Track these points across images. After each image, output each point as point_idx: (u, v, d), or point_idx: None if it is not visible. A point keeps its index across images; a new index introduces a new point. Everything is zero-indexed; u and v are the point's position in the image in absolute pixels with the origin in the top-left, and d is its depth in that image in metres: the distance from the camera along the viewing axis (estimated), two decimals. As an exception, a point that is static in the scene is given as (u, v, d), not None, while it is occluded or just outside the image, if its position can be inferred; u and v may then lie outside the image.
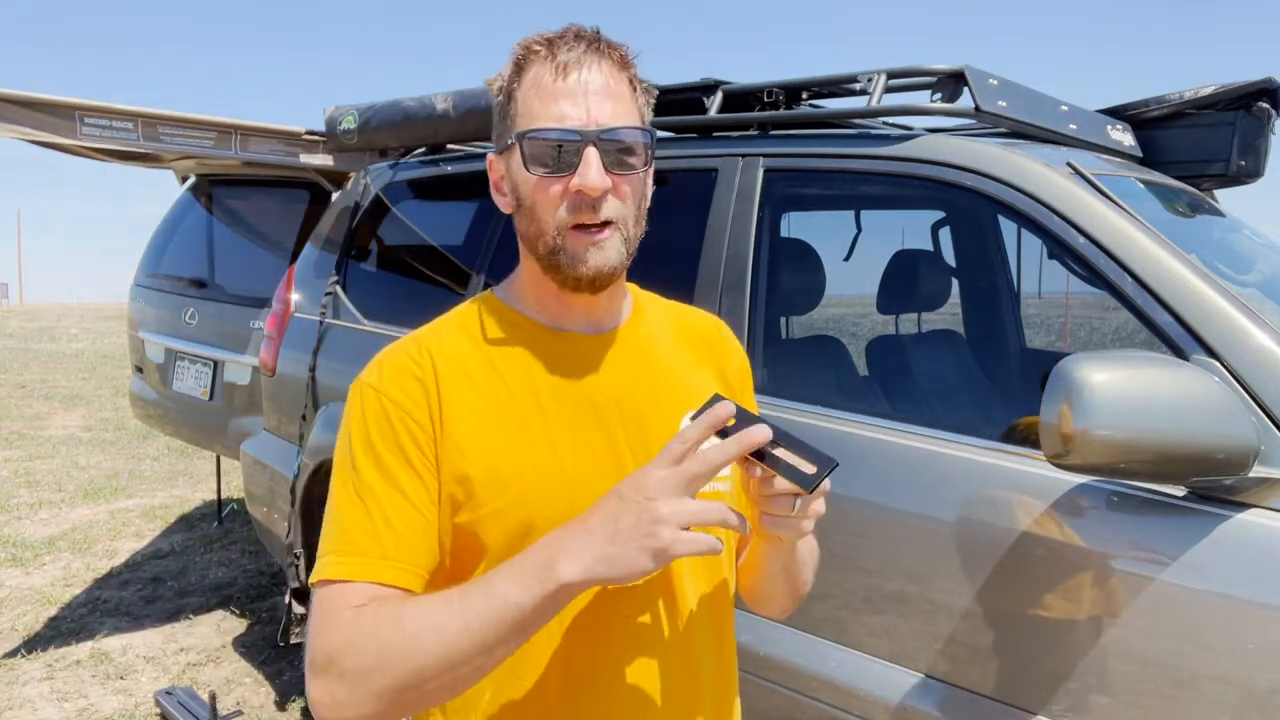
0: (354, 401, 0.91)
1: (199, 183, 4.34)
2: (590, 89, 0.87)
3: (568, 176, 0.86)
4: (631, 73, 0.92)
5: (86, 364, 12.58)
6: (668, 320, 1.05)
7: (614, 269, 0.89)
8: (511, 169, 0.91)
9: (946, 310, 2.53)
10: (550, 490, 0.88)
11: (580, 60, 0.87)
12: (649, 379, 0.97)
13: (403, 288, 2.85)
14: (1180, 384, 1.27)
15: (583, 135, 0.86)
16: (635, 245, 0.92)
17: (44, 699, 3.09)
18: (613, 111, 0.87)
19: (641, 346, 0.99)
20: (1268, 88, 2.16)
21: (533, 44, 0.89)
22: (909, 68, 1.98)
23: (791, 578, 1.02)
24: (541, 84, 0.88)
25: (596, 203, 0.87)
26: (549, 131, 0.86)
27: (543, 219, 0.89)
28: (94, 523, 5.05)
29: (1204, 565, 1.29)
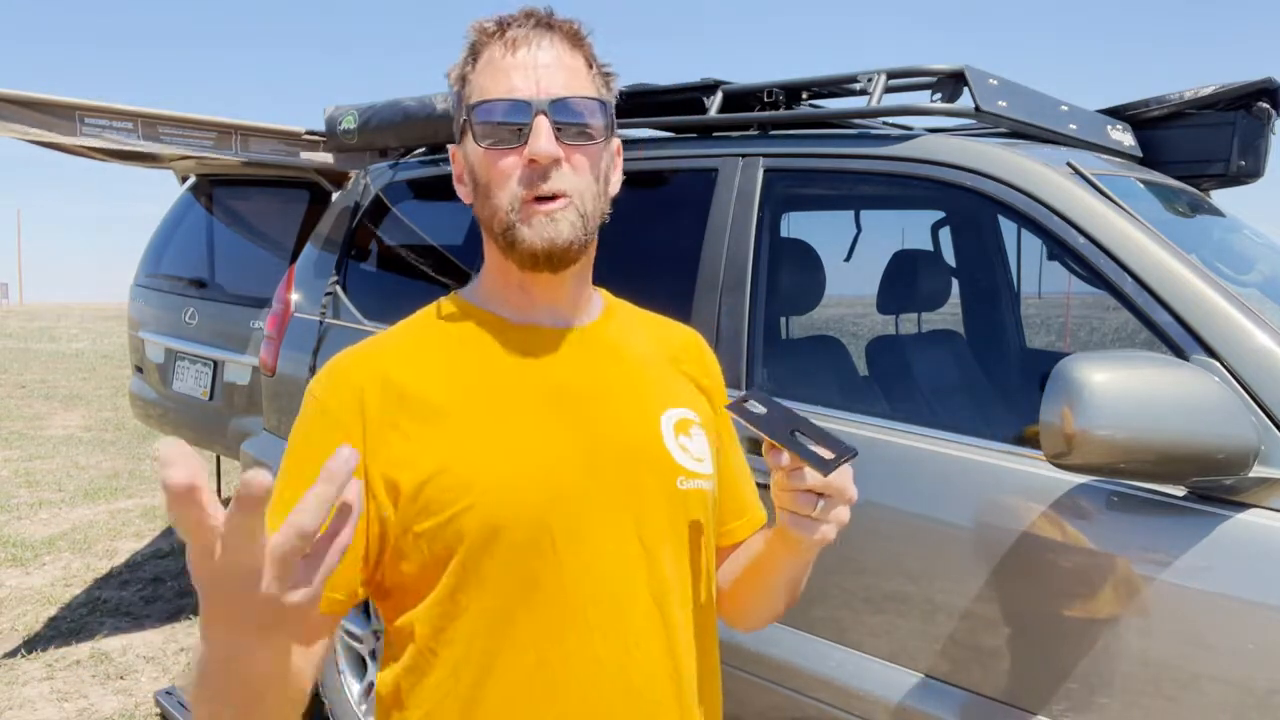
0: (301, 408, 0.89)
1: (199, 183, 4.34)
2: (540, 62, 0.86)
3: (519, 148, 0.85)
4: (586, 50, 0.90)
5: (86, 364, 12.58)
6: (643, 326, 1.03)
7: (569, 242, 0.86)
8: (468, 153, 0.90)
9: (946, 310, 2.53)
10: (517, 487, 0.84)
11: (530, 35, 0.87)
12: (622, 376, 0.94)
13: (403, 288, 2.85)
14: (1180, 384, 1.27)
15: (532, 104, 0.84)
16: (595, 224, 0.90)
17: (44, 699, 3.09)
18: (565, 82, 0.86)
19: (612, 345, 0.96)
20: (1268, 88, 2.16)
21: (484, 25, 0.89)
22: (909, 68, 1.98)
23: (794, 591, 1.00)
24: (492, 61, 0.87)
25: (547, 171, 0.85)
26: (497, 103, 0.85)
27: (497, 195, 0.87)
28: (94, 523, 5.05)
29: (1204, 565, 1.29)
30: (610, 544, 0.86)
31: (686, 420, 0.95)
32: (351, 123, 3.00)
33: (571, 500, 0.85)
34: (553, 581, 0.84)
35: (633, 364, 0.96)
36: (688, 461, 0.92)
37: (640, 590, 0.88)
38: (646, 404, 0.93)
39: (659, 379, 0.97)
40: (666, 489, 0.90)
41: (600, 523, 0.86)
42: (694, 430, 0.95)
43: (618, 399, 0.92)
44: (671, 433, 0.93)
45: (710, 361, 1.07)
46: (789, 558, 0.93)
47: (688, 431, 0.94)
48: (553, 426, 0.88)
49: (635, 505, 0.88)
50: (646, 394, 0.94)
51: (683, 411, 0.95)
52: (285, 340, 2.96)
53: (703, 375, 1.04)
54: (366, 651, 2.67)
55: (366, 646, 2.66)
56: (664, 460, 0.91)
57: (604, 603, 0.86)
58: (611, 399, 0.92)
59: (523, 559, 0.83)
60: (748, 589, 1.01)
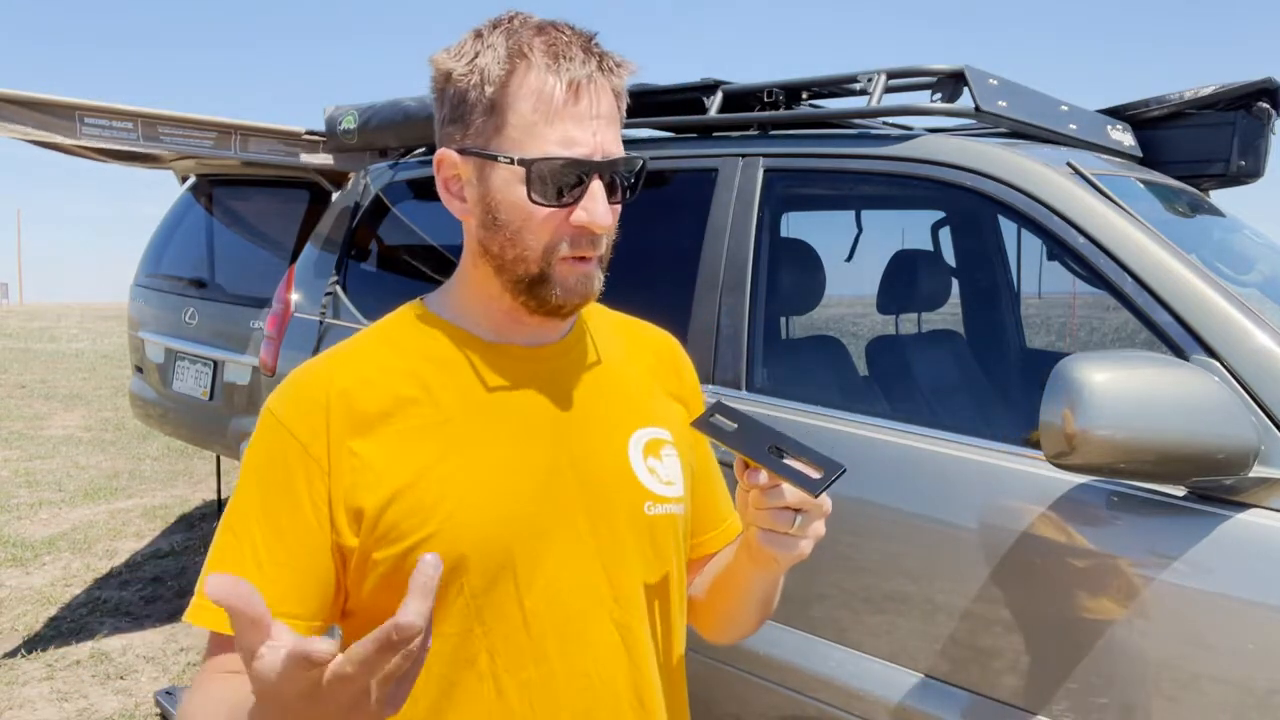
0: (259, 424, 0.84)
1: (199, 183, 4.34)
2: (600, 113, 0.80)
3: (569, 206, 0.80)
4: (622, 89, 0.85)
5: (86, 364, 12.58)
6: (616, 333, 0.99)
7: (596, 296, 0.85)
8: (491, 183, 0.82)
9: (946, 310, 2.53)
10: (480, 518, 0.80)
11: (593, 79, 0.80)
12: (594, 395, 0.90)
13: (403, 288, 2.85)
14: (1180, 384, 1.27)
15: (592, 165, 0.79)
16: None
17: (44, 699, 3.09)
18: (615, 138, 0.82)
19: (586, 359, 0.92)
20: (1268, 88, 2.16)
21: (530, 43, 0.79)
22: (909, 68, 1.98)
23: (767, 606, 0.96)
24: (550, 100, 0.79)
25: (597, 238, 0.82)
26: (557, 160, 0.78)
27: (529, 245, 0.81)
28: (94, 523, 5.05)
29: (1204, 565, 1.29)
30: (573, 573, 0.84)
31: (657, 441, 0.91)
32: (351, 123, 3.00)
33: (534, 530, 0.82)
34: (514, 612, 0.81)
35: (604, 382, 0.92)
36: (656, 485, 0.89)
37: (603, 620, 0.85)
38: (615, 425, 0.90)
39: (631, 395, 0.93)
40: (633, 516, 0.87)
41: (563, 553, 0.83)
42: (665, 451, 0.92)
43: (586, 421, 0.88)
44: (640, 455, 0.90)
45: (685, 368, 1.03)
46: (760, 574, 0.88)
47: (658, 453, 0.91)
48: (517, 452, 0.84)
49: (600, 534, 0.85)
50: (616, 414, 0.91)
51: (653, 431, 0.92)
52: (285, 340, 2.96)
53: (678, 385, 1.00)
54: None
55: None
56: (631, 486, 0.88)
57: (565, 634, 0.83)
58: (580, 421, 0.88)
59: (484, 589, 0.80)
60: (720, 604, 0.98)
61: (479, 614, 0.80)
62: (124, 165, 3.86)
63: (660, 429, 0.93)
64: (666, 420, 0.94)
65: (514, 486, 0.83)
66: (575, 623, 0.83)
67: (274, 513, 0.79)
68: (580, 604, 0.84)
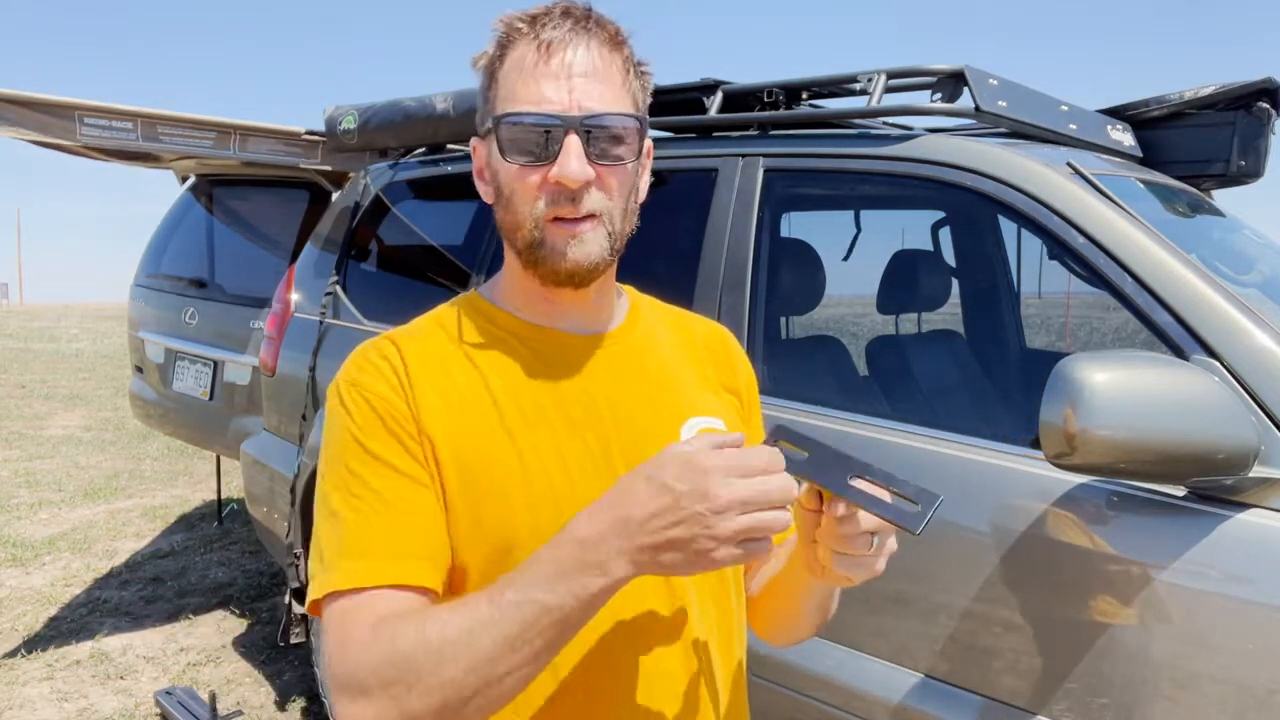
0: (333, 403, 0.84)
1: (199, 183, 4.34)
2: (575, 70, 0.80)
3: (547, 166, 0.80)
4: (625, 53, 0.84)
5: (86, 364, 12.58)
6: (669, 326, 0.99)
7: (595, 264, 0.83)
8: (492, 155, 0.84)
9: (946, 310, 2.53)
10: (534, 502, 0.81)
11: (566, 39, 0.80)
12: (645, 384, 0.90)
13: (403, 288, 2.85)
14: (1180, 384, 1.27)
15: (564, 121, 0.79)
16: (623, 241, 0.86)
17: (44, 699, 3.09)
18: (600, 95, 0.80)
19: (637, 350, 0.93)
20: (1268, 88, 2.16)
21: (515, 20, 0.82)
22: (909, 68, 1.98)
23: (825, 611, 0.96)
24: (524, 64, 0.80)
25: (577, 195, 0.80)
26: (526, 116, 0.79)
27: (519, 210, 0.82)
28: (94, 523, 5.05)
29: (1204, 565, 1.29)
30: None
31: (710, 430, 0.91)
32: (351, 123, 3.00)
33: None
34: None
35: (656, 371, 0.92)
36: None
37: (657, 609, 0.85)
38: (667, 415, 0.90)
39: (682, 385, 0.93)
40: None
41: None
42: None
43: (638, 410, 0.88)
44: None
45: (738, 359, 1.03)
46: (822, 586, 0.88)
47: None
48: (569, 440, 0.84)
49: None
50: (668, 403, 0.91)
51: (706, 420, 0.91)
52: (285, 340, 2.97)
53: (731, 377, 1.00)
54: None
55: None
56: None
57: (617, 626, 0.83)
58: (631, 410, 0.88)
59: None
60: (776, 608, 0.98)
61: None
62: (124, 165, 3.86)
63: (713, 418, 0.92)
64: (719, 411, 0.94)
65: (567, 473, 0.83)
66: (628, 615, 0.83)
67: (392, 465, 0.80)
68: (633, 597, 0.83)
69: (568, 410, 0.85)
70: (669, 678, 0.86)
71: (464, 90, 2.67)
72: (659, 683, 0.85)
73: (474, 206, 2.65)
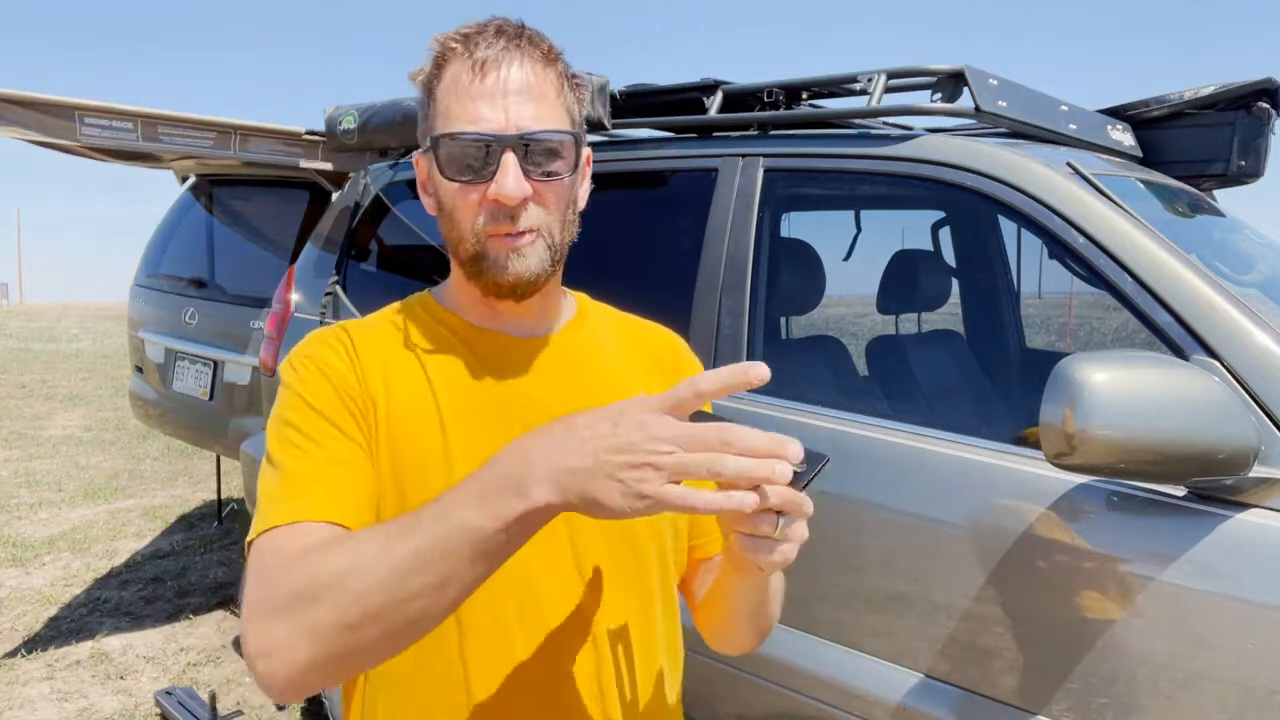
0: (286, 374, 0.87)
1: (199, 183, 4.34)
2: (510, 88, 0.81)
3: (485, 183, 0.82)
4: (559, 68, 0.86)
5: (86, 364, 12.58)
6: (616, 331, 1.00)
7: (535, 276, 0.85)
8: (433, 172, 0.86)
9: (946, 310, 2.53)
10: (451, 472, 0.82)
11: (499, 58, 0.82)
12: (581, 386, 0.91)
13: (403, 287, 2.84)
14: (1180, 384, 1.27)
15: (500, 139, 0.81)
16: (563, 252, 0.88)
17: (44, 699, 3.09)
18: (534, 113, 0.82)
19: (577, 353, 0.94)
20: (1268, 88, 2.16)
21: (449, 40, 0.84)
22: (909, 68, 1.98)
23: (760, 618, 0.92)
24: (459, 83, 0.82)
25: (515, 212, 0.82)
26: (463, 135, 0.81)
27: (461, 225, 0.85)
28: (94, 523, 5.05)
29: (1204, 565, 1.29)
30: (540, 558, 0.84)
31: None
32: (351, 123, 3.00)
33: None
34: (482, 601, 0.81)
35: (594, 374, 0.93)
36: None
37: (568, 604, 0.86)
38: None
39: (621, 390, 0.92)
40: None
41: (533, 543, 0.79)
42: None
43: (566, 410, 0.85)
44: None
45: (686, 367, 1.02)
46: (746, 583, 0.86)
47: None
48: (496, 439, 0.82)
49: (572, 523, 0.85)
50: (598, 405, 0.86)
51: None
52: (285, 340, 2.96)
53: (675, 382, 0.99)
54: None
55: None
56: None
57: (527, 613, 0.85)
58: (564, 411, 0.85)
59: None
60: (714, 611, 0.97)
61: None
62: (124, 165, 3.86)
63: None
64: None
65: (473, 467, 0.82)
66: (540, 605, 0.85)
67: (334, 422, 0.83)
68: (545, 586, 0.85)
69: (501, 408, 0.87)
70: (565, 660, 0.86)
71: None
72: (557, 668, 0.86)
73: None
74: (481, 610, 0.83)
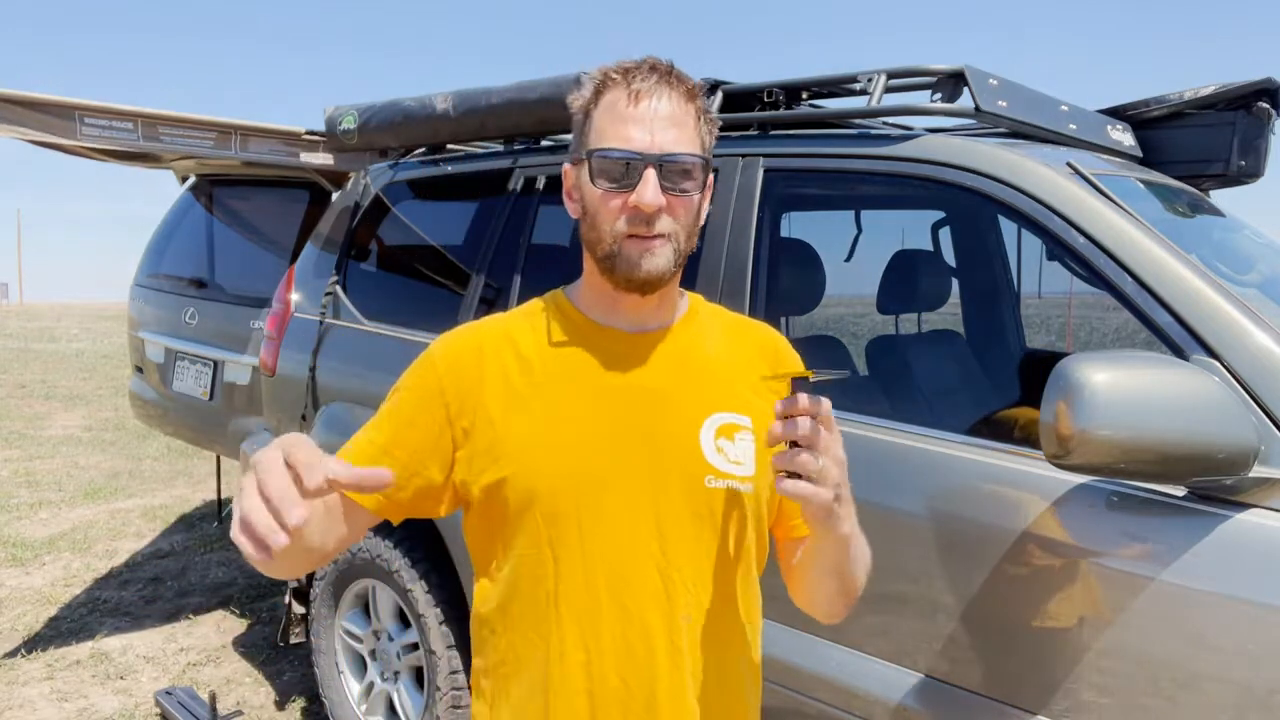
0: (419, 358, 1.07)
1: (199, 183, 4.34)
2: (657, 116, 0.96)
3: (628, 192, 0.96)
4: (698, 104, 1.00)
5: (86, 364, 12.58)
6: (724, 328, 1.12)
7: (662, 274, 0.98)
8: (581, 180, 1.01)
9: (946, 310, 2.53)
10: (552, 467, 0.98)
11: (651, 90, 0.97)
12: (679, 377, 1.04)
13: (403, 288, 2.85)
14: (1180, 384, 1.27)
15: (644, 157, 0.95)
16: (685, 257, 1.02)
17: (44, 699, 3.09)
18: (675, 138, 0.97)
19: (683, 347, 1.06)
20: (1268, 88, 2.16)
21: (611, 72, 0.99)
22: (909, 68, 1.98)
23: (842, 578, 1.04)
24: (615, 108, 0.98)
25: (651, 218, 0.96)
26: (614, 151, 0.96)
27: (602, 227, 0.98)
28: (94, 523, 5.05)
29: (1204, 565, 1.29)
30: (628, 525, 0.98)
31: (733, 425, 1.03)
32: (351, 123, 3.00)
33: (598, 484, 0.98)
34: (574, 547, 0.98)
35: (694, 367, 1.06)
36: (720, 462, 1.01)
37: (648, 568, 0.98)
38: (693, 406, 1.02)
39: (718, 382, 1.05)
40: (690, 485, 1.00)
41: (621, 506, 0.98)
42: (740, 435, 1.03)
43: (666, 399, 1.02)
44: (712, 435, 1.02)
45: (787, 360, 1.13)
46: (824, 544, 0.99)
47: (731, 436, 1.02)
48: (597, 420, 1.00)
49: (659, 497, 0.99)
50: (697, 396, 1.03)
51: (731, 416, 1.03)
52: (285, 340, 2.96)
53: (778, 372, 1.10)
54: (366, 651, 2.67)
55: (366, 646, 2.66)
56: (694, 460, 1.00)
57: (613, 572, 0.98)
58: (661, 399, 1.02)
59: (551, 524, 0.98)
60: (802, 576, 1.09)
61: (550, 544, 0.99)
62: (124, 165, 3.86)
63: (740, 415, 1.04)
64: (750, 408, 1.05)
65: (584, 447, 0.99)
66: (624, 565, 0.98)
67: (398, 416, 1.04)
68: (630, 550, 0.98)
69: (603, 396, 1.01)
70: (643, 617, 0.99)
71: (464, 90, 2.67)
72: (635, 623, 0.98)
73: (474, 207, 2.66)
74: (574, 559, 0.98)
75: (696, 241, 1.04)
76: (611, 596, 0.98)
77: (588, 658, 0.98)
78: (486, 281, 2.45)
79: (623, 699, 0.98)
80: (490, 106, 2.49)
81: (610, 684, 0.98)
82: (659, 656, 0.98)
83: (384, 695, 2.62)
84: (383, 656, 2.62)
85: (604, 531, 0.98)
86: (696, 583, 1.00)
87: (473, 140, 2.81)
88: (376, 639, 2.63)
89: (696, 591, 1.00)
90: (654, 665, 0.98)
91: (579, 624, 0.98)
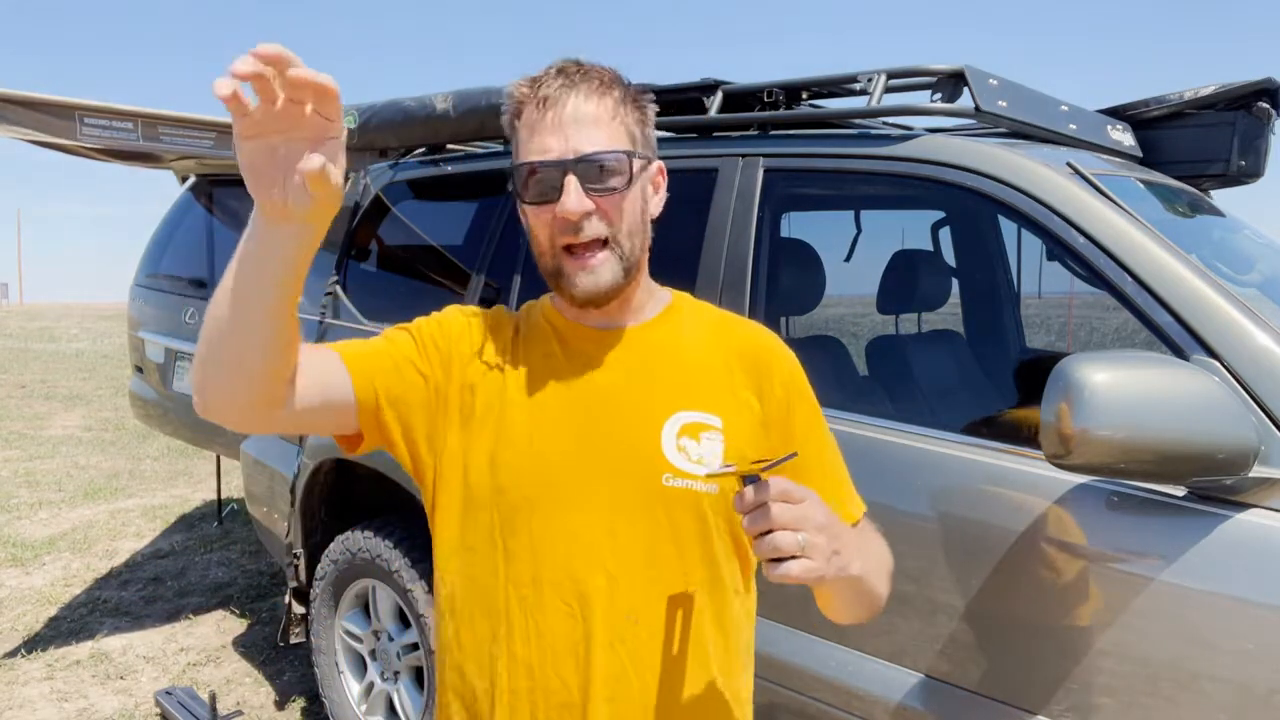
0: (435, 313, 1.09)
1: (199, 183, 4.34)
2: (567, 119, 0.94)
3: (554, 203, 0.94)
4: (615, 94, 0.98)
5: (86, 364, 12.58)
6: (708, 328, 1.09)
7: (609, 288, 0.97)
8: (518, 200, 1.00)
9: (946, 310, 2.53)
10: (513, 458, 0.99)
11: (558, 95, 0.95)
12: (646, 373, 1.02)
13: (403, 288, 2.85)
14: (1180, 384, 1.27)
15: (559, 164, 0.94)
16: (636, 256, 1.00)
17: (44, 699, 3.09)
18: (590, 137, 0.94)
19: (653, 344, 1.04)
20: (1268, 88, 2.16)
21: (520, 86, 0.98)
22: (909, 68, 1.98)
23: (862, 595, 1.00)
24: (529, 121, 0.96)
25: (578, 225, 0.94)
26: (525, 165, 0.95)
27: (540, 242, 0.98)
28: (94, 523, 5.05)
29: (1204, 565, 1.29)
30: (579, 521, 0.97)
31: (699, 424, 1.00)
32: (351, 123, 3.00)
33: (552, 480, 0.98)
34: (525, 540, 0.98)
35: (663, 364, 1.03)
36: (681, 461, 0.98)
37: (594, 567, 0.97)
38: (657, 404, 1.00)
39: (689, 381, 1.02)
40: (646, 484, 0.98)
41: (575, 503, 0.98)
42: (706, 435, 0.99)
43: (630, 396, 1.01)
44: (674, 434, 0.99)
45: (774, 364, 1.08)
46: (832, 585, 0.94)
47: (696, 436, 0.99)
48: (559, 416, 1.00)
49: (613, 493, 0.97)
50: (663, 395, 1.01)
51: (698, 415, 1.00)
52: (285, 340, 2.96)
53: (760, 378, 1.06)
54: (366, 651, 2.67)
55: (366, 646, 2.66)
56: (652, 458, 0.98)
57: (558, 567, 0.97)
58: (624, 396, 1.01)
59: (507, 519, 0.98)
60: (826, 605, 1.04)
61: (502, 537, 0.99)
62: (124, 165, 3.86)
63: (708, 415, 1.01)
64: (721, 408, 1.02)
65: (544, 443, 0.99)
66: (572, 562, 0.97)
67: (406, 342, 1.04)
68: (579, 547, 0.97)
69: (567, 393, 1.01)
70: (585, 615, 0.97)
71: (464, 90, 2.67)
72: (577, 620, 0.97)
73: (474, 207, 2.66)
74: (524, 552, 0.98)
75: (649, 237, 1.02)
76: (555, 592, 0.97)
77: (528, 652, 0.97)
78: (486, 281, 2.45)
79: (562, 697, 0.96)
80: (490, 106, 2.49)
81: (550, 682, 0.97)
82: (596, 655, 0.96)
83: (384, 695, 2.62)
84: (383, 656, 2.62)
85: (555, 528, 0.97)
86: (647, 582, 0.97)
87: (473, 140, 2.80)
88: (376, 639, 2.63)
89: (646, 591, 0.97)
90: (590, 665, 0.96)
91: (524, 619, 0.98)
